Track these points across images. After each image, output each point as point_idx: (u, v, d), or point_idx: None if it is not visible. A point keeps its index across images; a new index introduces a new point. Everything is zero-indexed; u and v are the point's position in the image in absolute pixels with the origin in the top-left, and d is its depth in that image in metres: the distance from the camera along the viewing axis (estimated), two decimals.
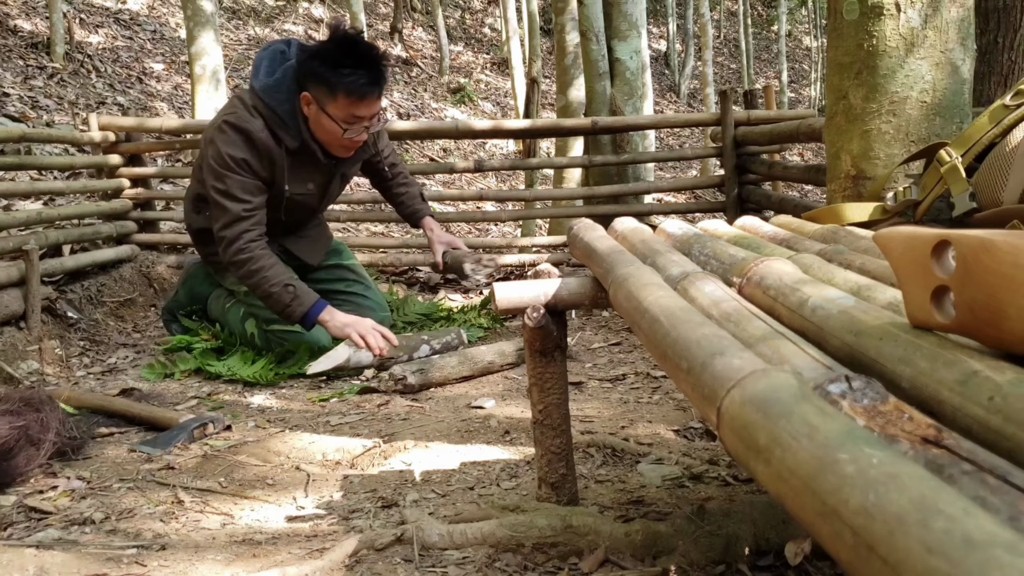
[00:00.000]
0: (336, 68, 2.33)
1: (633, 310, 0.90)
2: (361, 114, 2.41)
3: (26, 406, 1.69)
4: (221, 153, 2.39)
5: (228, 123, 2.42)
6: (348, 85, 2.34)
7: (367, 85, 2.37)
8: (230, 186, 2.39)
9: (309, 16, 12.50)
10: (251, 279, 2.40)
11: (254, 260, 2.39)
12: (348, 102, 2.37)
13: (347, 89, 2.35)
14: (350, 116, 2.40)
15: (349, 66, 2.34)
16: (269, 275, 2.39)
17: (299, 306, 2.39)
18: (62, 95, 6.75)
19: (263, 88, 2.45)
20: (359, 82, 2.35)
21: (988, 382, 0.55)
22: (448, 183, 8.39)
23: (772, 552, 1.21)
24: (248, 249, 2.40)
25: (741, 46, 17.01)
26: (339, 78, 2.34)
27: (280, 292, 2.38)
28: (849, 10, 1.66)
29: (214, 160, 2.41)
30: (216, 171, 2.40)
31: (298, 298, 2.39)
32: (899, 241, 0.70)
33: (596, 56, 4.20)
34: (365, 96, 2.38)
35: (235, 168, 2.39)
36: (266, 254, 2.42)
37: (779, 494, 0.48)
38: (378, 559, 1.20)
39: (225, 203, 2.40)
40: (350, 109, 2.38)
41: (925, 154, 1.57)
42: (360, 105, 2.39)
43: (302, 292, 2.41)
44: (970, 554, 0.33)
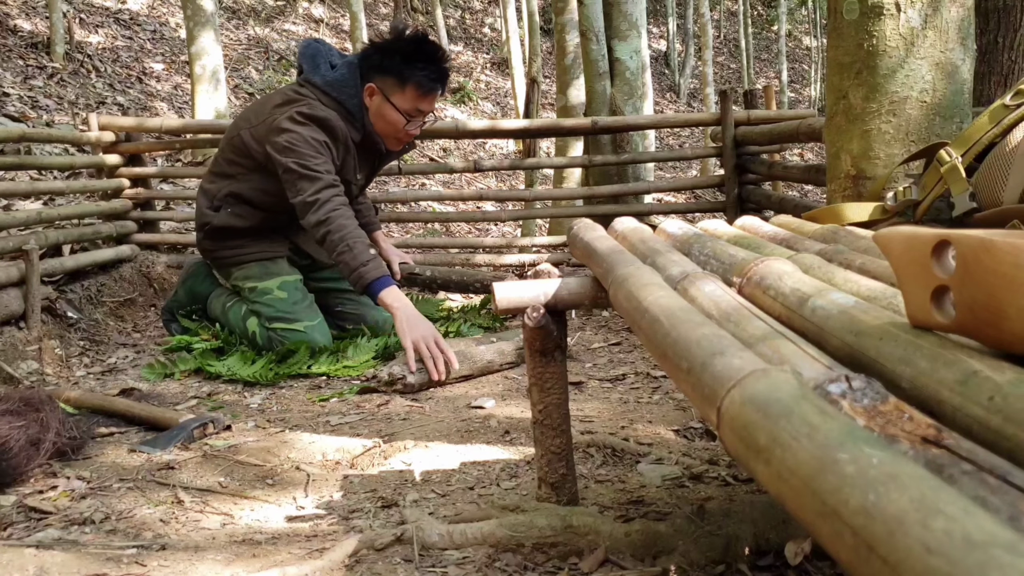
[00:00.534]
0: (410, 62, 2.48)
1: (633, 310, 0.90)
2: (424, 108, 2.56)
3: (26, 406, 1.69)
4: (304, 137, 2.44)
5: (304, 114, 2.47)
6: (419, 78, 2.50)
7: (435, 81, 2.53)
8: (314, 163, 2.43)
9: (309, 16, 12.50)
10: (336, 234, 2.36)
11: (342, 216, 2.38)
12: (416, 95, 2.52)
13: (418, 82, 2.50)
14: (414, 108, 2.54)
15: (422, 61, 2.49)
16: (355, 233, 2.38)
17: (376, 269, 2.35)
18: (62, 95, 6.75)
19: (329, 83, 2.54)
20: (429, 77, 2.50)
21: (988, 382, 0.55)
22: (448, 183, 8.40)
23: (772, 552, 1.21)
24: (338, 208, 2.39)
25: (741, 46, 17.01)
26: (412, 71, 2.49)
27: (361, 249, 2.36)
28: (849, 10, 1.66)
29: (294, 144, 2.42)
30: (299, 152, 2.43)
31: (376, 261, 2.38)
32: (899, 241, 0.70)
33: (596, 56, 4.20)
34: (431, 91, 2.53)
35: (319, 149, 2.45)
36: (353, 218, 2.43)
37: (779, 494, 0.48)
38: (378, 559, 1.20)
39: (314, 174, 2.42)
40: (416, 102, 2.53)
41: (925, 154, 1.57)
42: (425, 99, 2.54)
43: (380, 263, 2.40)
44: (970, 554, 0.33)
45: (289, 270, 2.71)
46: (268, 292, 2.61)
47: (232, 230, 2.66)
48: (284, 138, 2.44)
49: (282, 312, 2.58)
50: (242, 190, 2.63)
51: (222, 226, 2.65)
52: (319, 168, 2.43)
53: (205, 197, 2.72)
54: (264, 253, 2.69)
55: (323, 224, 2.38)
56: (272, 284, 2.64)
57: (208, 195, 2.71)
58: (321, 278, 2.85)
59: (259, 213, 2.66)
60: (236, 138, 2.62)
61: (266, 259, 2.68)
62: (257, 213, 2.65)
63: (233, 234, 2.67)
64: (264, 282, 2.64)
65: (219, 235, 2.68)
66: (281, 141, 2.44)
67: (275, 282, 2.65)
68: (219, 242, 2.69)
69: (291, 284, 2.67)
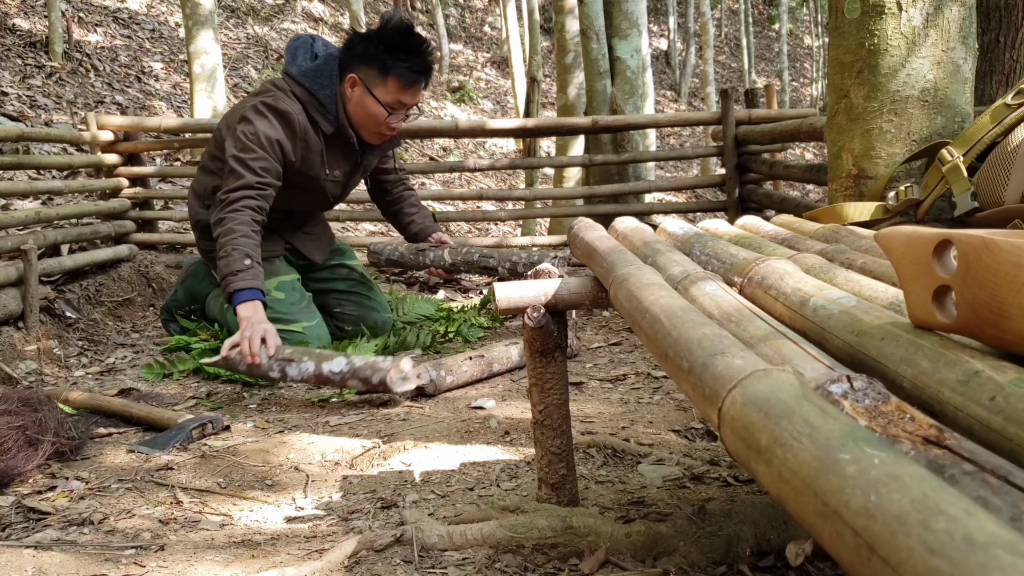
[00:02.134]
0: (392, 52, 2.42)
1: (634, 310, 0.89)
2: (406, 101, 2.49)
3: (24, 406, 1.69)
4: (257, 131, 2.40)
5: (266, 104, 2.44)
6: (402, 70, 2.43)
7: (419, 73, 2.47)
8: (253, 159, 2.39)
9: (309, 15, 12.50)
10: (225, 237, 2.32)
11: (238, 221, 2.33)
12: (398, 87, 2.45)
13: (400, 74, 2.44)
14: (396, 101, 2.48)
15: (406, 52, 2.43)
16: (241, 241, 2.31)
17: (241, 282, 2.27)
18: (60, 94, 6.74)
19: (303, 72, 2.50)
20: (412, 69, 2.44)
21: (990, 382, 0.54)
22: (448, 182, 8.40)
23: (773, 553, 1.21)
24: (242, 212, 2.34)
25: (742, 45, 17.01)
26: (394, 62, 2.43)
27: (238, 257, 2.29)
28: (851, 9, 1.66)
29: (245, 135, 2.40)
30: (245, 144, 2.40)
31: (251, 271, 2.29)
32: (900, 241, 0.69)
33: (597, 55, 4.20)
34: (414, 84, 2.47)
35: (267, 147, 2.41)
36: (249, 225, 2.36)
37: (780, 495, 0.47)
38: (377, 560, 1.20)
39: (242, 171, 2.38)
40: (398, 95, 2.47)
41: (927, 153, 1.57)
42: (407, 92, 2.48)
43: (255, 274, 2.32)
44: (971, 554, 0.32)
45: (286, 269, 2.70)
46: (267, 293, 2.59)
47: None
48: (240, 128, 2.43)
49: (280, 313, 2.57)
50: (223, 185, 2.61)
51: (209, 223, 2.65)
52: (253, 165, 2.38)
53: (194, 195, 2.72)
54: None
55: (218, 224, 2.36)
56: (269, 285, 2.64)
57: (198, 195, 2.71)
58: (319, 279, 2.85)
59: None
60: (218, 133, 2.63)
61: (262, 259, 2.67)
62: None
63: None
64: None
65: (208, 233, 2.67)
66: (238, 130, 2.44)
67: (272, 282, 2.64)
68: (212, 241, 2.68)
69: (288, 284, 2.66)
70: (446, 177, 8.37)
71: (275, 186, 2.47)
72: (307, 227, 2.80)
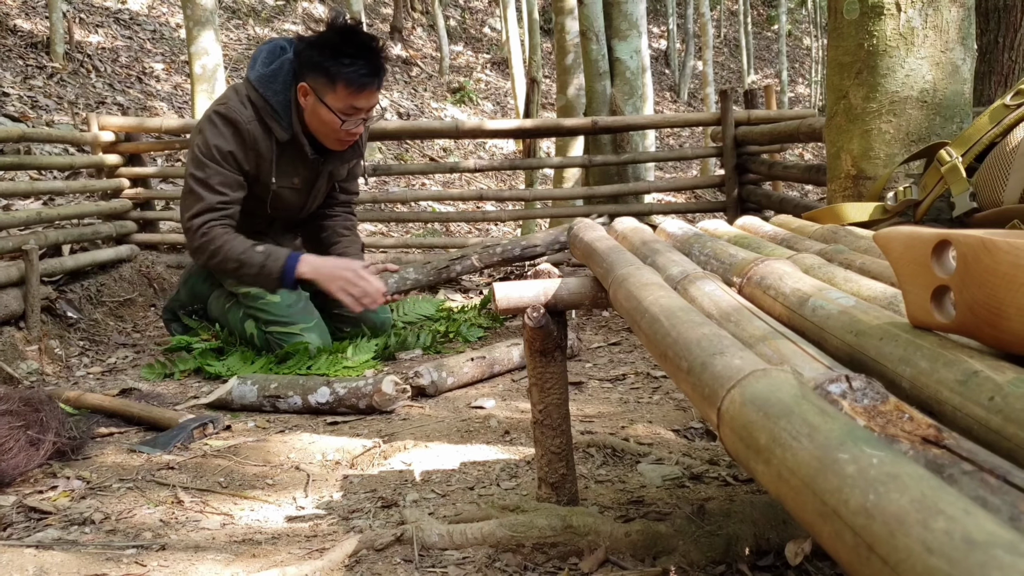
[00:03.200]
0: (336, 58, 2.32)
1: (633, 310, 0.90)
2: (360, 105, 2.38)
3: (25, 406, 1.69)
4: (208, 143, 2.38)
5: (218, 113, 2.41)
6: (348, 75, 2.32)
7: (367, 76, 2.34)
8: (210, 176, 2.38)
9: (309, 16, 12.50)
10: (217, 256, 2.33)
11: (217, 238, 2.35)
12: (347, 92, 2.35)
13: (347, 79, 2.33)
14: (349, 107, 2.38)
15: (349, 55, 2.32)
16: (235, 245, 2.33)
17: (275, 261, 2.26)
18: (62, 95, 6.75)
19: (258, 78, 2.44)
20: (359, 72, 2.32)
21: (988, 382, 0.55)
22: (448, 183, 8.40)
23: (772, 552, 1.21)
24: (211, 231, 2.35)
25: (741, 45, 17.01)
26: (339, 68, 2.32)
27: (249, 254, 2.29)
28: (849, 9, 1.66)
29: (199, 149, 2.39)
30: (199, 160, 2.39)
31: (272, 254, 2.30)
32: (899, 241, 0.70)
33: (596, 56, 4.20)
34: (365, 87, 2.35)
35: (219, 160, 2.38)
36: (227, 232, 2.36)
37: (779, 494, 0.48)
38: (378, 559, 1.20)
39: (201, 192, 2.37)
40: (349, 100, 2.36)
41: (925, 154, 1.57)
42: (359, 96, 2.36)
43: (273, 248, 2.32)
44: (970, 554, 0.32)
45: None
46: (262, 296, 2.58)
47: None
48: (197, 142, 2.41)
49: (277, 316, 2.56)
50: None
51: None
52: (211, 182, 2.36)
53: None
54: None
55: (200, 252, 2.36)
56: None
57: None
58: None
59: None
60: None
61: None
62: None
63: None
64: None
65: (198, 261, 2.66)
66: (194, 146, 2.41)
67: None
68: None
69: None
70: (446, 177, 8.37)
71: (237, 199, 2.44)
72: (298, 229, 2.80)
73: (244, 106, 2.41)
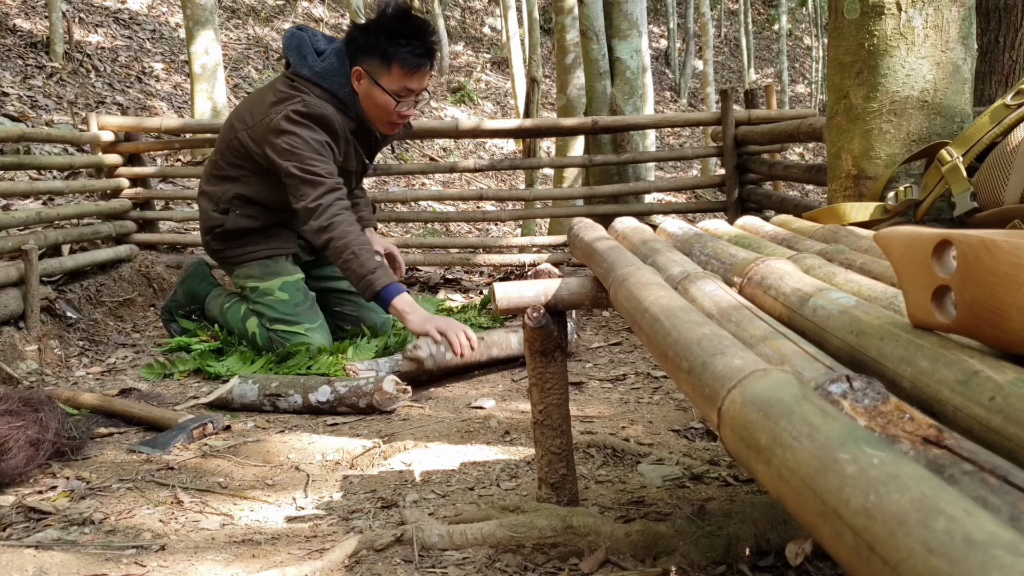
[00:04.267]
0: (392, 39, 2.38)
1: (633, 310, 0.89)
2: (413, 87, 2.45)
3: (25, 406, 1.69)
4: (304, 139, 2.39)
5: (300, 112, 2.41)
6: (403, 56, 2.39)
7: (421, 56, 2.41)
8: (316, 166, 2.38)
9: (309, 16, 12.50)
10: (342, 240, 2.31)
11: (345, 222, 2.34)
12: (403, 73, 2.41)
13: (403, 59, 2.39)
14: (403, 88, 2.44)
15: (405, 37, 2.38)
16: (359, 238, 2.33)
17: (383, 276, 2.28)
18: (61, 94, 6.75)
19: (318, 74, 2.47)
20: (414, 52, 2.39)
21: (989, 382, 0.55)
22: (448, 183, 8.39)
23: (773, 552, 1.21)
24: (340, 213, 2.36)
25: (742, 45, 17.01)
26: (395, 49, 2.38)
27: (368, 256, 2.30)
28: (850, 9, 1.66)
29: (294, 146, 2.38)
30: (298, 154, 2.38)
31: (383, 268, 2.32)
32: (900, 241, 0.70)
33: (596, 55, 4.20)
34: (419, 68, 2.42)
35: (319, 149, 2.40)
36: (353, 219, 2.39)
37: (780, 494, 0.48)
38: (378, 559, 1.20)
39: (313, 178, 2.37)
40: (404, 81, 2.43)
41: (926, 154, 1.57)
42: (413, 77, 2.43)
43: (385, 268, 2.34)
44: (971, 554, 0.32)
45: (291, 269, 2.68)
46: (269, 293, 2.58)
47: (244, 231, 2.64)
48: (283, 140, 2.39)
49: (283, 314, 2.56)
50: (249, 192, 2.59)
51: (234, 228, 2.62)
52: (320, 171, 2.38)
53: (209, 200, 2.66)
54: (270, 251, 2.66)
55: (325, 231, 2.34)
56: (273, 285, 2.63)
57: (212, 198, 2.65)
58: (323, 276, 2.84)
59: (270, 212, 2.63)
60: (235, 140, 2.57)
61: (268, 257, 2.66)
62: (268, 213, 2.63)
63: (245, 235, 2.65)
64: (265, 282, 2.62)
65: (230, 237, 2.65)
66: (281, 143, 2.40)
67: (276, 282, 2.64)
68: (228, 243, 2.67)
69: (292, 285, 2.66)
70: (446, 177, 8.36)
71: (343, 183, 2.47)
72: None
73: (321, 101, 2.44)
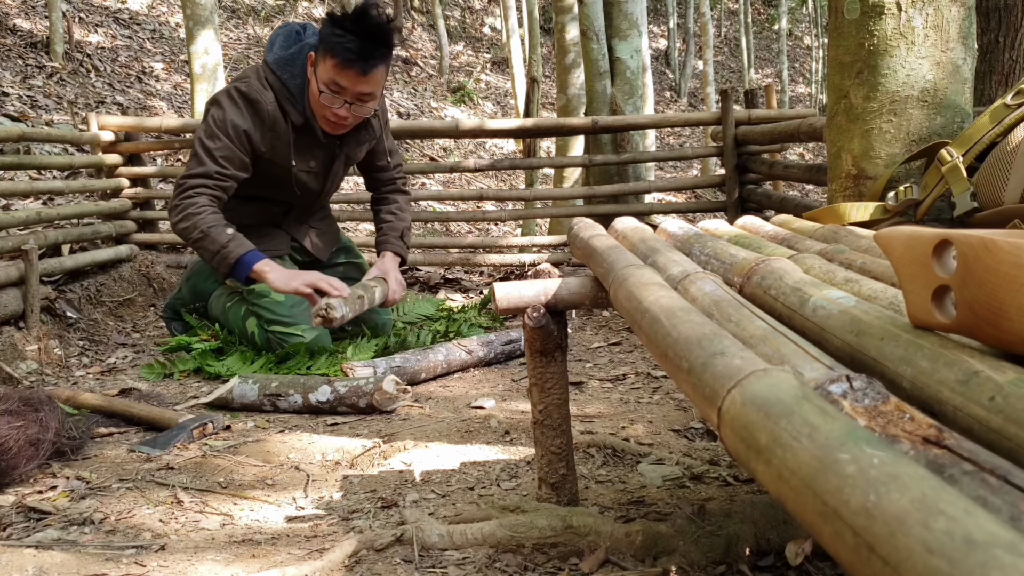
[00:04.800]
0: (336, 29, 2.29)
1: (633, 310, 0.89)
2: (343, 83, 2.32)
3: (25, 406, 1.69)
4: (225, 119, 2.38)
5: (239, 91, 2.41)
6: (335, 46, 2.28)
7: (353, 53, 2.27)
8: (217, 148, 2.37)
9: (309, 16, 12.50)
10: (188, 221, 2.31)
11: (197, 205, 2.32)
12: (332, 64, 2.30)
13: (334, 51, 2.28)
14: (332, 81, 2.32)
15: (347, 30, 2.27)
16: (209, 219, 2.30)
17: (237, 247, 2.26)
18: (61, 94, 6.75)
19: (276, 61, 2.45)
20: (346, 46, 2.26)
21: (989, 382, 0.55)
22: (448, 183, 8.39)
23: (773, 552, 1.21)
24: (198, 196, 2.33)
25: (742, 45, 17.01)
26: (334, 39, 2.28)
27: (218, 230, 2.28)
28: (850, 9, 1.66)
29: (214, 121, 2.39)
30: (212, 130, 2.38)
31: (237, 238, 2.29)
32: (900, 241, 0.70)
33: (596, 55, 4.20)
34: (350, 64, 2.28)
35: (233, 136, 2.38)
36: (211, 204, 2.35)
37: (780, 494, 0.48)
38: (378, 559, 1.20)
39: (204, 158, 2.37)
40: (332, 74, 2.31)
41: (926, 154, 1.57)
42: (344, 73, 2.30)
43: (242, 239, 2.31)
44: (971, 554, 0.32)
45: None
46: (266, 295, 2.58)
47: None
48: (212, 113, 2.41)
49: (280, 315, 2.56)
50: None
51: None
52: (216, 154, 2.36)
53: None
54: (264, 252, 2.67)
55: (175, 211, 2.34)
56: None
57: None
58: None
59: (247, 204, 2.61)
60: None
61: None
62: (245, 204, 2.60)
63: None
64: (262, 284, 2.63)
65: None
66: (208, 116, 2.42)
67: None
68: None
69: None
70: (446, 177, 8.36)
71: (237, 177, 2.43)
72: (312, 220, 2.79)
73: (264, 87, 2.42)
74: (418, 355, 2.40)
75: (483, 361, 2.55)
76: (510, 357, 2.62)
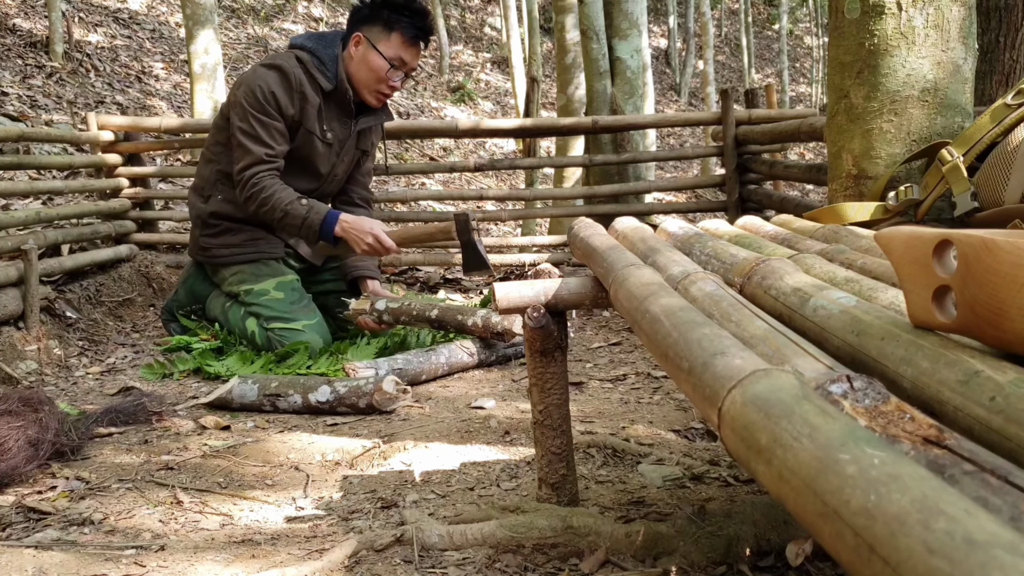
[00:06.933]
0: (396, 10, 2.59)
1: (634, 310, 0.89)
2: (407, 59, 2.62)
3: (25, 406, 1.69)
4: (252, 88, 2.54)
5: (262, 64, 2.61)
6: (405, 25, 2.59)
7: (421, 32, 2.62)
8: (256, 128, 2.53)
9: (309, 16, 12.49)
10: (266, 205, 2.51)
11: (267, 188, 2.52)
12: (401, 41, 2.59)
13: (403, 28, 2.58)
14: (398, 57, 2.60)
15: (409, 12, 2.60)
16: (282, 195, 2.51)
17: (317, 214, 2.48)
18: (61, 94, 6.74)
19: (307, 37, 2.69)
20: (415, 25, 2.60)
21: (990, 382, 0.55)
22: (448, 182, 8.39)
23: (773, 553, 1.21)
24: (261, 180, 2.52)
25: (742, 44, 17.01)
26: (399, 18, 2.58)
27: (295, 205, 2.49)
28: (851, 9, 1.66)
29: (245, 99, 2.54)
30: (245, 110, 2.53)
31: (314, 208, 2.50)
32: (900, 241, 0.70)
33: (597, 55, 4.20)
34: (415, 40, 2.61)
35: (264, 104, 2.52)
36: (278, 183, 2.54)
37: (780, 494, 0.47)
38: (378, 560, 1.20)
39: (249, 145, 2.53)
40: (400, 50, 2.60)
41: (926, 153, 1.57)
42: (409, 49, 2.61)
43: (315, 203, 2.53)
44: (971, 554, 0.32)
45: (284, 270, 2.71)
46: (265, 293, 2.60)
47: (224, 217, 2.67)
48: (241, 93, 2.55)
49: (280, 312, 2.57)
50: (229, 168, 2.64)
51: (214, 211, 2.68)
52: (260, 135, 2.52)
53: (196, 192, 2.77)
54: (257, 254, 2.69)
55: (251, 201, 2.52)
56: (268, 285, 2.64)
57: (198, 190, 2.76)
58: (321, 280, 2.85)
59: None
60: (218, 118, 2.71)
61: (257, 260, 2.68)
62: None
63: (226, 223, 2.67)
64: (260, 283, 2.64)
65: (212, 225, 2.68)
66: (239, 97, 2.55)
67: (271, 283, 2.65)
68: (213, 236, 2.69)
69: (287, 284, 2.66)
70: (446, 177, 8.37)
71: (283, 151, 2.59)
72: None
73: (289, 57, 2.61)
74: (420, 356, 2.39)
75: (485, 363, 2.55)
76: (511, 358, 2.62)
